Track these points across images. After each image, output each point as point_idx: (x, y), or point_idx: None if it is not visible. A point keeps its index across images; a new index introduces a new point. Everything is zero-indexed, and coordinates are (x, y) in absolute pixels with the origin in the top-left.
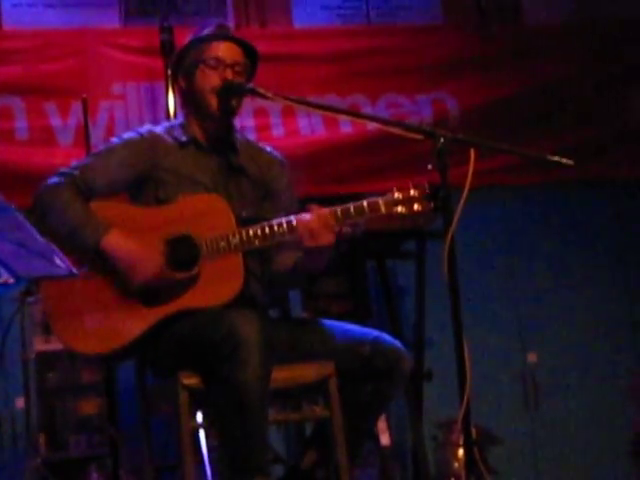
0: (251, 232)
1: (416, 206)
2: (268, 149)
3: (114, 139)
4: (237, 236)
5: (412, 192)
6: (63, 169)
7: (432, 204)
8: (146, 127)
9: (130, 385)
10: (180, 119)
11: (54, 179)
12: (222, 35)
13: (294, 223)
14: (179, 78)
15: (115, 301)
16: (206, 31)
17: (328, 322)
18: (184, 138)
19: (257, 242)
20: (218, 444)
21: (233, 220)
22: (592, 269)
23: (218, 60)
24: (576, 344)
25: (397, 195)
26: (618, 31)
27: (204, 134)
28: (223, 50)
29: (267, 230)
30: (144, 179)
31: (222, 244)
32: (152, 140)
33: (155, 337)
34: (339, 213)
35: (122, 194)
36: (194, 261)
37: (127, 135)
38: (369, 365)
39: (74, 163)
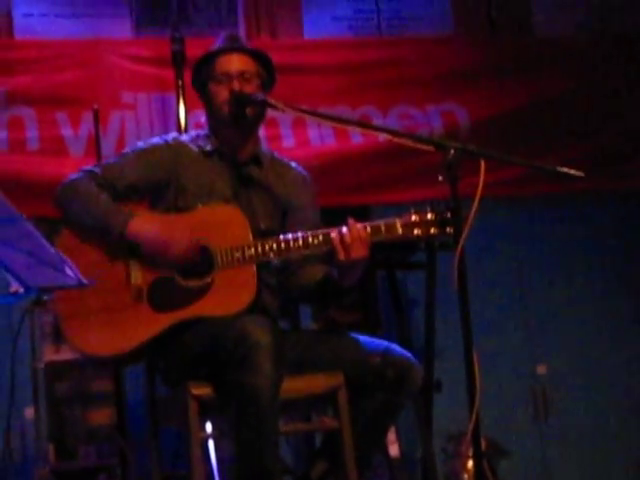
0: (267, 245)
1: (432, 230)
2: (293, 165)
3: (140, 143)
4: (252, 248)
5: (429, 216)
6: (86, 167)
7: (450, 229)
8: (172, 134)
9: (140, 395)
10: (206, 130)
11: (76, 175)
12: (227, 48)
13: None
14: (198, 94)
15: (126, 305)
16: (215, 45)
17: (338, 333)
18: (209, 147)
19: (272, 255)
20: (231, 451)
21: (249, 232)
22: (602, 281)
23: (226, 74)
24: (586, 356)
25: (414, 217)
26: (629, 43)
27: (228, 145)
28: (228, 63)
29: (283, 244)
30: (165, 186)
31: (237, 255)
32: (177, 148)
33: (165, 346)
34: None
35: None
36: (208, 270)
37: (153, 140)
38: (380, 376)
39: (98, 163)
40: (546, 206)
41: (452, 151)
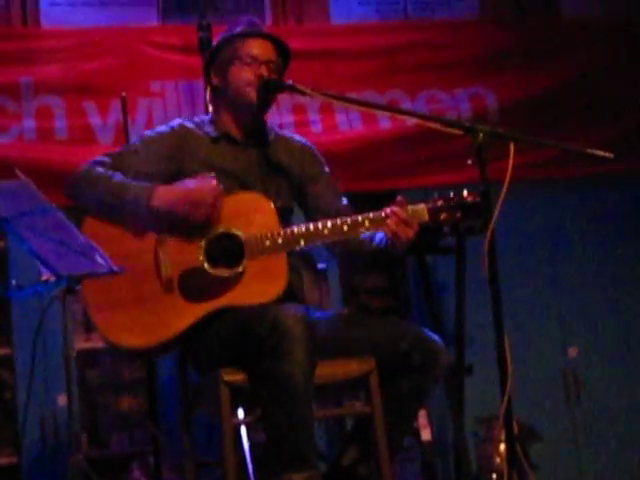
0: (296, 231)
1: (458, 214)
2: (297, 137)
3: (147, 131)
4: (282, 236)
5: (455, 200)
6: (95, 158)
7: (475, 214)
8: (177, 121)
9: (171, 382)
10: (209, 115)
11: (85, 165)
12: (257, 32)
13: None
14: (212, 74)
15: (157, 296)
16: (239, 28)
17: (368, 317)
18: (215, 134)
19: (302, 242)
20: (265, 439)
21: (277, 218)
22: (634, 262)
23: (253, 57)
24: (617, 338)
25: (440, 202)
26: None
27: (238, 128)
28: (258, 47)
29: (312, 228)
30: (176, 173)
31: (267, 243)
32: (184, 134)
33: (197, 333)
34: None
35: None
36: (239, 259)
37: (159, 128)
38: (408, 360)
39: (107, 152)
40: (578, 189)
41: (481, 134)
